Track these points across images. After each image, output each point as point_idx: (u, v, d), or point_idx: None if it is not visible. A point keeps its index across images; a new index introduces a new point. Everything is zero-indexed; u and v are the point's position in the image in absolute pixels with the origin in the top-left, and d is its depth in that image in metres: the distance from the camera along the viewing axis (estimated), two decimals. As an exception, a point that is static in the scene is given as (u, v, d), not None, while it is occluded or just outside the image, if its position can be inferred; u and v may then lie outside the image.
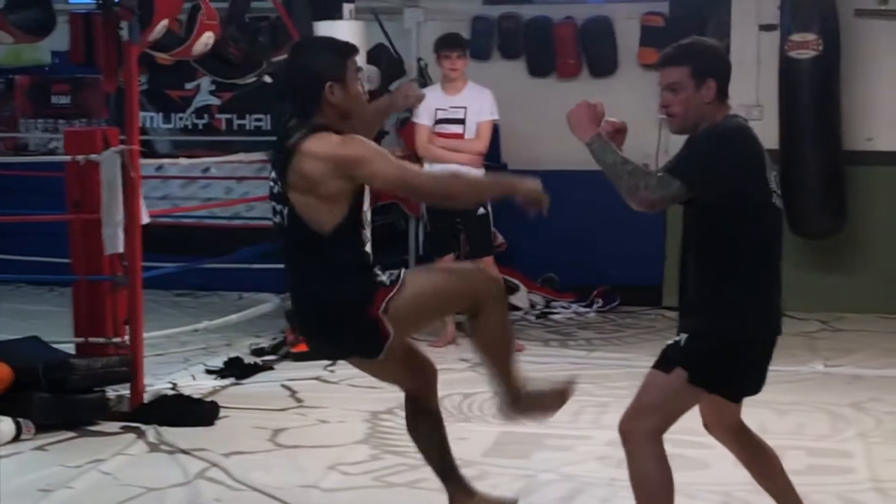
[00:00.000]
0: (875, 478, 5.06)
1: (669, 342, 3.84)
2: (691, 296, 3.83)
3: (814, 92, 8.46)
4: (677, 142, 4.47)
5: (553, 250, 9.26)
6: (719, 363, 3.75)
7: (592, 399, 6.37)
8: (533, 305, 9.02)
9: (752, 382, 3.89)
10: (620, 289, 9.12)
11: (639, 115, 9.36)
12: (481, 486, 4.71)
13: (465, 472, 4.60)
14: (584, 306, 9.03)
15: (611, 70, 9.38)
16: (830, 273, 8.87)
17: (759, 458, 4.09)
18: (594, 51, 9.36)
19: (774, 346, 3.85)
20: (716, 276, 3.74)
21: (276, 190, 4.01)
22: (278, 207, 4.02)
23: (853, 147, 8.75)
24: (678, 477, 5.02)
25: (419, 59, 9.32)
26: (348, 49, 4.00)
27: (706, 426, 4.08)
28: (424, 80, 9.08)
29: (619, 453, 5.38)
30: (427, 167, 7.74)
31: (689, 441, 5.47)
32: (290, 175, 3.91)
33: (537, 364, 7.18)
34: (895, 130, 8.82)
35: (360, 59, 7.67)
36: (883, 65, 8.73)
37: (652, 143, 9.21)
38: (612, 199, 10.87)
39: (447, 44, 7.79)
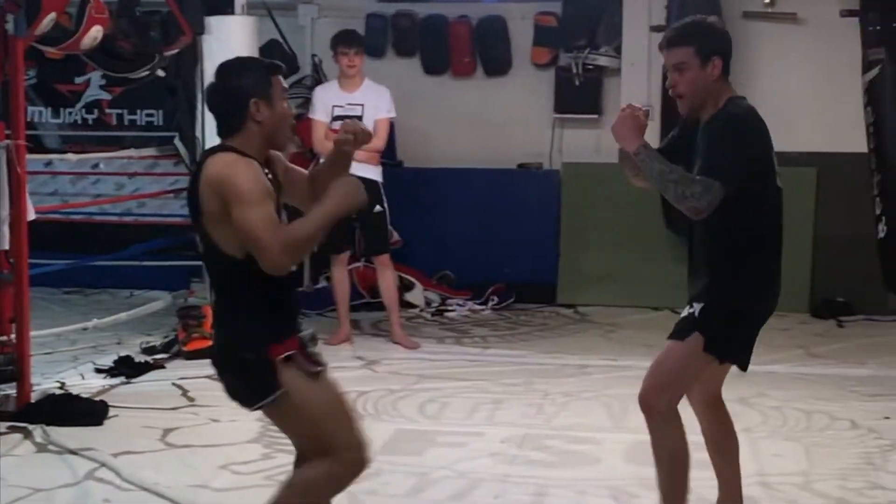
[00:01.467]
0: (760, 472, 5.16)
1: (683, 314, 3.97)
2: (705, 270, 3.94)
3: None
4: (570, 141, 4.46)
5: (449, 248, 9.30)
6: (734, 332, 3.96)
7: (487, 396, 6.41)
8: (428, 303, 9.03)
9: (749, 353, 4.09)
10: (515, 286, 9.16)
11: (532, 113, 9.51)
12: (374, 484, 4.71)
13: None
14: (480, 304, 9.07)
15: (504, 69, 9.45)
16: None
17: (723, 437, 4.24)
18: (488, 50, 9.42)
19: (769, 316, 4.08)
20: (731, 253, 3.88)
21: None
22: (197, 238, 3.66)
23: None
24: (568, 473, 5.12)
25: (314, 56, 9.28)
26: (274, 67, 3.75)
27: (687, 395, 4.19)
28: (319, 76, 9.05)
29: (512, 450, 5.48)
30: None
31: (580, 437, 5.57)
32: (199, 200, 3.55)
33: (432, 361, 7.21)
34: (781, 132, 8.88)
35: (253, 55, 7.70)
36: (770, 67, 8.86)
37: (545, 141, 9.31)
38: (507, 197, 10.80)
39: (345, 40, 7.75)
